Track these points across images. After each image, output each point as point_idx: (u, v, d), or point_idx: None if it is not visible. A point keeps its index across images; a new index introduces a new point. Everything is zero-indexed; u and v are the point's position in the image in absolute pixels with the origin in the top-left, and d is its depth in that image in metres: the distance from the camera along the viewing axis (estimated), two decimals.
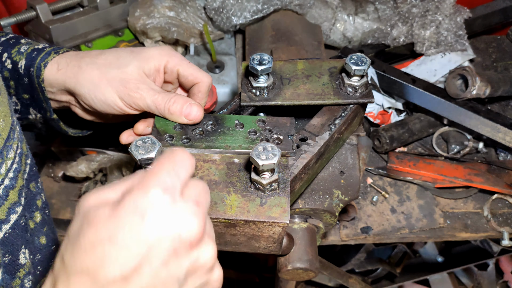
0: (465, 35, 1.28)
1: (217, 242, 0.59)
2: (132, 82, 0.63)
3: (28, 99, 0.70)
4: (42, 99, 0.68)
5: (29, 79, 0.66)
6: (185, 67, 0.67)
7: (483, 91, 1.13)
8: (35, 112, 0.72)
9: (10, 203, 0.58)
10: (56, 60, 0.66)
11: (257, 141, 0.62)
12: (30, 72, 0.66)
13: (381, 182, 1.21)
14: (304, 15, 1.29)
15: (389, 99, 1.24)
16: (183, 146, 0.61)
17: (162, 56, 0.66)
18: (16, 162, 0.60)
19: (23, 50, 0.68)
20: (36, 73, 0.65)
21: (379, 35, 1.35)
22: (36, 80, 0.66)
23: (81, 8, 1.29)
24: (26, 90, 0.68)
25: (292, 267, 0.69)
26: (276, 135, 0.63)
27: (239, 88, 1.24)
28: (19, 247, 0.60)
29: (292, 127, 0.64)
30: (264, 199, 0.55)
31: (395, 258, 1.67)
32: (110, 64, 0.64)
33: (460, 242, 1.59)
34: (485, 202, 1.17)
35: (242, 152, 0.61)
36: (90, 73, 0.64)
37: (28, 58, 0.66)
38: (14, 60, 0.67)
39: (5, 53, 0.68)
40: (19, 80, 0.68)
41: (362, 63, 0.66)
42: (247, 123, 0.64)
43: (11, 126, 0.60)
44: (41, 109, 0.71)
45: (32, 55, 0.67)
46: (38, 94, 0.68)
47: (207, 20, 1.34)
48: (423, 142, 1.29)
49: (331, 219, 0.74)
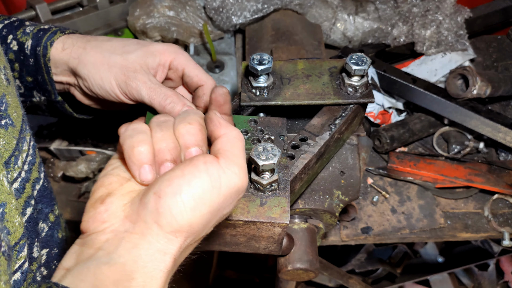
0: (466, 35, 1.28)
1: (217, 242, 0.59)
2: (131, 70, 0.62)
3: (32, 82, 0.69)
4: (47, 80, 0.68)
5: (35, 59, 0.66)
6: (191, 67, 0.67)
7: (483, 91, 1.13)
8: (39, 95, 0.72)
9: (26, 196, 0.58)
10: (62, 39, 0.66)
11: (248, 141, 0.62)
12: (36, 52, 0.66)
13: (381, 182, 1.20)
14: (304, 14, 1.29)
15: (389, 99, 1.24)
16: None
17: (169, 52, 0.66)
18: (31, 154, 0.60)
19: (28, 31, 0.68)
20: (43, 52, 0.65)
21: (379, 35, 1.35)
22: (43, 59, 0.66)
23: (81, 7, 1.29)
24: (30, 72, 0.68)
25: (292, 267, 0.69)
26: (267, 135, 0.62)
27: (239, 88, 1.24)
28: (34, 240, 0.60)
29: (284, 127, 0.64)
30: (264, 200, 0.55)
31: (395, 259, 1.67)
32: (114, 50, 0.64)
33: (460, 242, 1.59)
34: (485, 202, 1.17)
35: None
36: (94, 56, 0.64)
37: (35, 38, 0.66)
38: (21, 41, 0.67)
39: (10, 35, 0.68)
40: (24, 61, 0.67)
41: (363, 63, 0.65)
42: (239, 123, 0.64)
43: (22, 118, 0.60)
44: (45, 92, 0.70)
45: (38, 35, 0.67)
46: (43, 75, 0.67)
47: (207, 19, 1.34)
48: (424, 142, 1.28)
49: (331, 220, 0.74)
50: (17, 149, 0.56)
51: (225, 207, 0.46)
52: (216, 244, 0.60)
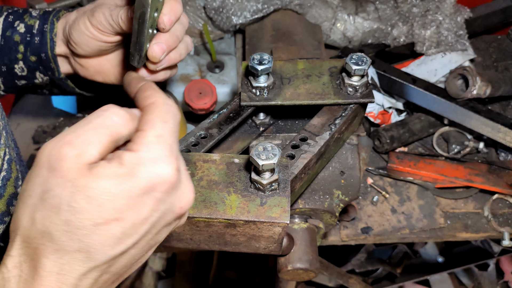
0: (466, 35, 1.28)
1: (217, 242, 0.59)
2: (100, 5, 0.66)
3: (36, 61, 0.72)
4: (50, 57, 0.71)
5: (41, 36, 0.70)
6: None
7: (483, 91, 1.13)
8: (42, 75, 0.75)
9: (0, 213, 0.57)
10: (68, 13, 0.71)
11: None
12: (43, 29, 0.70)
13: (381, 182, 1.20)
14: (304, 14, 1.29)
15: (389, 99, 1.24)
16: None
17: None
18: (5, 169, 0.60)
19: (35, 14, 0.72)
20: (50, 28, 0.70)
21: (379, 35, 1.35)
22: (49, 34, 0.70)
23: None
24: (35, 51, 0.71)
25: (292, 267, 0.69)
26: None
27: (239, 88, 1.24)
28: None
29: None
30: (264, 199, 0.55)
31: (395, 259, 1.67)
32: (91, 3, 0.69)
33: (460, 242, 1.59)
34: (485, 202, 1.17)
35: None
36: (75, 13, 0.69)
37: (42, 19, 0.71)
38: (29, 24, 0.71)
39: (17, 20, 0.72)
40: (29, 41, 0.71)
41: (363, 63, 0.65)
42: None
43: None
44: (49, 70, 0.73)
45: (44, 16, 0.72)
46: (47, 52, 0.71)
47: (207, 19, 1.34)
48: (424, 142, 1.28)
49: (331, 219, 0.74)
50: None
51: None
52: (216, 244, 0.60)
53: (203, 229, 0.56)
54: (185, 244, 0.60)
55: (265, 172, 0.53)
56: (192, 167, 0.57)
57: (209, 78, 1.27)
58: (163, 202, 0.39)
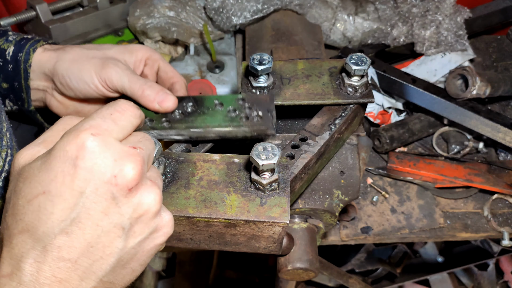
0: (465, 35, 1.28)
1: (217, 242, 0.59)
2: (111, 60, 0.64)
3: (7, 89, 0.69)
4: (23, 87, 0.68)
5: (15, 64, 0.67)
6: (166, 63, 0.71)
7: (483, 91, 1.13)
8: (11, 104, 0.72)
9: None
10: (45, 46, 0.68)
11: (237, 118, 0.62)
12: (17, 58, 0.66)
13: (381, 182, 1.20)
14: (304, 15, 1.29)
15: (389, 99, 1.24)
16: (164, 128, 0.62)
17: (145, 49, 0.70)
18: (6, 170, 0.60)
19: (11, 39, 0.69)
20: (25, 58, 0.66)
21: (379, 35, 1.35)
22: (23, 65, 0.66)
23: (81, 8, 1.29)
24: (7, 78, 0.68)
25: (292, 267, 0.69)
26: (255, 112, 0.63)
27: (239, 88, 1.24)
28: None
29: (272, 103, 0.64)
30: (264, 199, 0.55)
31: (395, 258, 1.67)
32: (94, 47, 0.67)
33: (460, 242, 1.59)
34: (485, 202, 1.17)
35: (222, 131, 0.62)
36: (72, 53, 0.65)
37: (17, 45, 0.67)
38: (2, 47, 0.68)
39: None
40: (2, 67, 0.68)
41: (362, 63, 0.65)
42: (227, 102, 0.65)
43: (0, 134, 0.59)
44: (19, 100, 0.70)
45: (21, 43, 0.68)
46: (21, 81, 0.67)
47: (207, 20, 1.34)
48: (423, 142, 1.29)
49: (331, 219, 0.74)
50: None
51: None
52: (216, 244, 0.60)
53: (203, 229, 0.56)
54: (185, 244, 0.60)
55: (265, 172, 0.53)
56: (192, 167, 0.58)
57: (209, 78, 1.28)
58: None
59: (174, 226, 0.48)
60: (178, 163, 0.58)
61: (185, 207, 0.53)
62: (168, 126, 0.62)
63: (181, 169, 0.57)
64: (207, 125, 0.62)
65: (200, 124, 0.62)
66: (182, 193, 0.55)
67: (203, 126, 0.62)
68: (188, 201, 0.54)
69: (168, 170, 0.57)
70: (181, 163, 0.58)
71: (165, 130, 0.62)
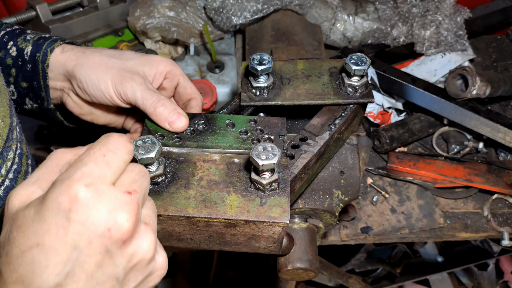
0: (465, 35, 1.28)
1: (217, 242, 0.59)
2: (129, 72, 0.64)
3: (27, 88, 0.70)
4: (42, 86, 0.68)
5: (33, 64, 0.67)
6: (186, 79, 0.71)
7: (483, 91, 1.13)
8: (31, 102, 0.72)
9: None
10: (63, 46, 0.68)
11: (248, 141, 0.62)
12: (35, 58, 0.67)
13: (381, 182, 1.20)
14: (304, 15, 1.29)
15: (389, 99, 1.24)
16: (174, 145, 0.61)
17: (167, 62, 0.69)
18: (16, 163, 0.61)
19: (29, 38, 0.69)
20: (42, 58, 0.66)
21: (379, 35, 1.35)
22: (41, 65, 0.66)
23: (81, 8, 1.30)
24: (26, 77, 0.69)
25: (292, 267, 0.69)
26: (267, 135, 0.63)
27: (239, 88, 1.24)
28: None
29: (283, 127, 0.64)
30: (264, 199, 0.55)
31: (395, 258, 1.67)
32: (114, 55, 0.66)
33: (460, 242, 1.59)
34: (485, 202, 1.17)
35: (233, 152, 0.61)
36: (92, 58, 0.65)
37: (35, 45, 0.68)
38: (20, 47, 0.68)
39: (10, 41, 0.69)
40: (21, 66, 0.68)
41: (362, 63, 0.65)
42: (239, 123, 0.65)
43: (9, 127, 0.60)
44: (38, 99, 0.71)
45: (38, 42, 0.68)
46: (39, 81, 0.68)
47: (207, 20, 1.34)
48: (423, 142, 1.29)
49: (331, 219, 0.74)
50: (0, 157, 0.57)
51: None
52: (216, 244, 0.60)
53: (203, 229, 0.56)
54: (185, 244, 0.60)
55: (265, 172, 0.53)
56: (192, 167, 0.58)
57: (209, 78, 1.28)
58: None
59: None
60: (178, 163, 0.58)
61: (185, 207, 0.53)
62: (179, 143, 0.62)
63: (181, 169, 0.57)
64: (218, 145, 0.61)
65: (212, 144, 0.62)
66: (182, 193, 0.55)
67: (214, 146, 0.61)
68: (188, 201, 0.54)
69: (168, 170, 0.57)
70: (181, 163, 0.58)
71: (175, 147, 0.62)
